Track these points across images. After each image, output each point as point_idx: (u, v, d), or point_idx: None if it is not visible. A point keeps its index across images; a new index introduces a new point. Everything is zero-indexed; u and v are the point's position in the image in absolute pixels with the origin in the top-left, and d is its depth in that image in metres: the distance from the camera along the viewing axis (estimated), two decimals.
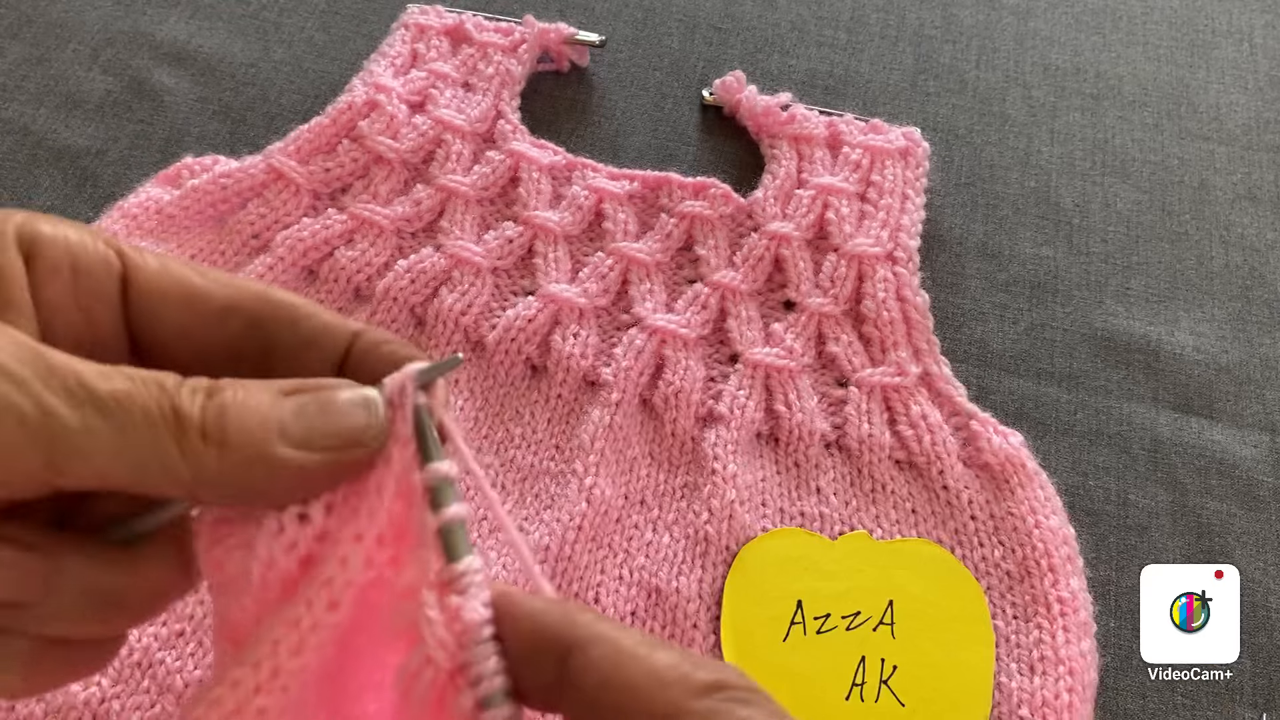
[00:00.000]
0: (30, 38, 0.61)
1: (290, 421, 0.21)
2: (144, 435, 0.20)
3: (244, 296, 0.24)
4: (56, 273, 0.22)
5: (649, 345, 0.49)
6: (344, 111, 0.55)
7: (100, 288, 0.23)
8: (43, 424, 0.19)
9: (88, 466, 0.20)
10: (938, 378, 0.49)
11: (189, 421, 0.20)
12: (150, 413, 0.20)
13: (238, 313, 0.24)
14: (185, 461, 0.20)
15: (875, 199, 0.54)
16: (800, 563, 0.44)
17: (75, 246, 0.23)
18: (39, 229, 0.23)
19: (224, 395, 0.21)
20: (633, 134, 0.59)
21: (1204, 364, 0.52)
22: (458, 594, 0.21)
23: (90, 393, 0.19)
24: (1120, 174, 0.59)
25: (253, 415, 0.21)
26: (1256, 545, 0.47)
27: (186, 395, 0.21)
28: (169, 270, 0.24)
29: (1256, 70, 0.64)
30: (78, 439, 0.19)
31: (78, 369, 0.20)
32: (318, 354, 0.24)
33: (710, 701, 0.19)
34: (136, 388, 0.20)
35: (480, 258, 0.52)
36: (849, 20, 0.65)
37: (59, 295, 0.22)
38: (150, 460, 0.20)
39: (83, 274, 0.23)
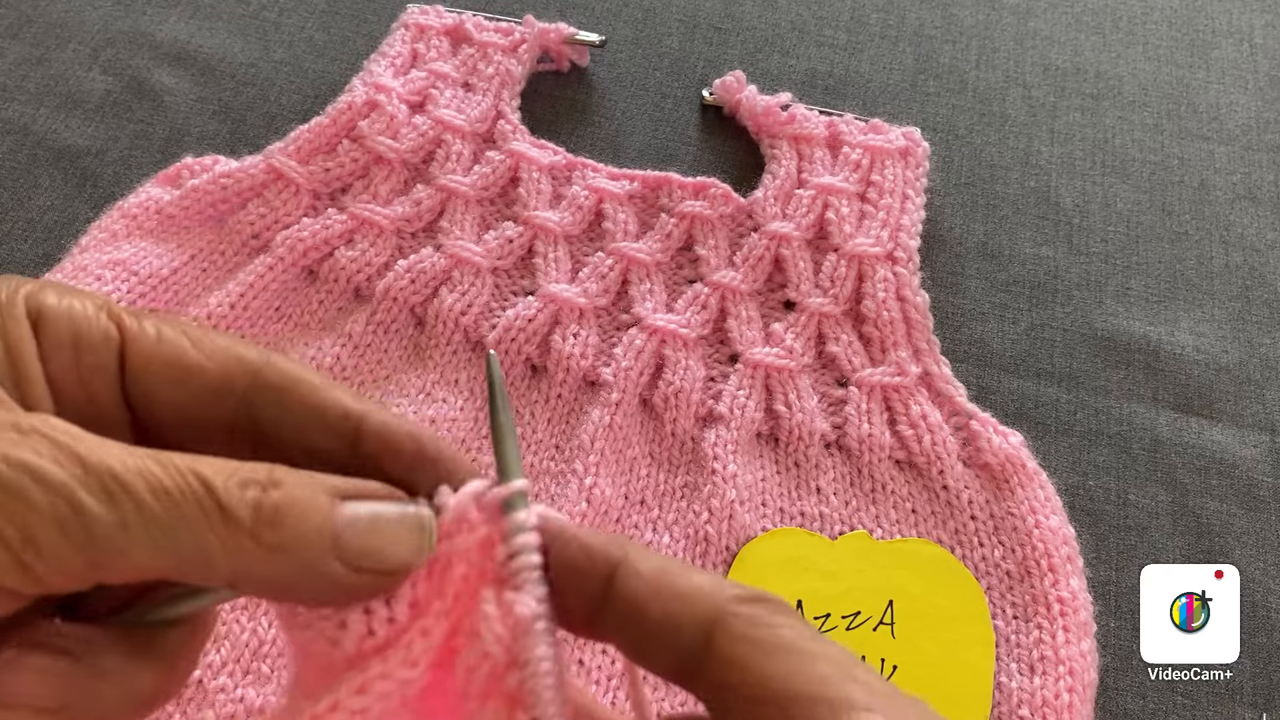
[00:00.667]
0: (30, 38, 0.61)
1: (345, 537, 0.21)
2: (185, 533, 0.19)
3: (237, 374, 0.23)
4: (60, 347, 0.22)
5: (649, 345, 0.49)
6: (344, 111, 0.55)
7: (100, 362, 0.22)
8: (80, 526, 0.18)
9: (128, 563, 0.19)
10: (938, 378, 0.49)
11: (238, 522, 0.20)
12: (191, 512, 0.19)
13: (230, 392, 0.23)
14: (229, 559, 0.20)
15: (875, 199, 0.54)
16: (800, 563, 0.44)
17: (78, 319, 0.22)
18: (45, 300, 0.22)
19: (281, 493, 0.20)
20: (633, 134, 0.59)
21: (1204, 364, 0.52)
22: (514, 589, 0.21)
23: (126, 489, 0.19)
24: (1120, 174, 0.59)
25: (309, 524, 0.20)
26: (1256, 545, 0.47)
27: (235, 493, 0.20)
28: (164, 344, 0.23)
29: (1256, 70, 0.64)
30: (117, 538, 0.19)
31: (110, 463, 0.19)
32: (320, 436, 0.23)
33: (752, 607, 0.20)
34: (175, 481, 0.19)
35: (480, 258, 0.52)
36: (849, 20, 0.65)
37: (62, 370, 0.22)
38: (192, 556, 0.20)
39: (84, 349, 0.22)
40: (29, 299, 0.22)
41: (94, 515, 0.19)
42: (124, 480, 0.19)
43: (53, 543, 0.18)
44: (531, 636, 0.21)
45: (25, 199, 0.55)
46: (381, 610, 0.22)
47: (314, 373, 0.24)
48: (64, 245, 0.52)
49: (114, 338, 0.23)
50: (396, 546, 0.22)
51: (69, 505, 0.18)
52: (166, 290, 0.50)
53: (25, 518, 0.18)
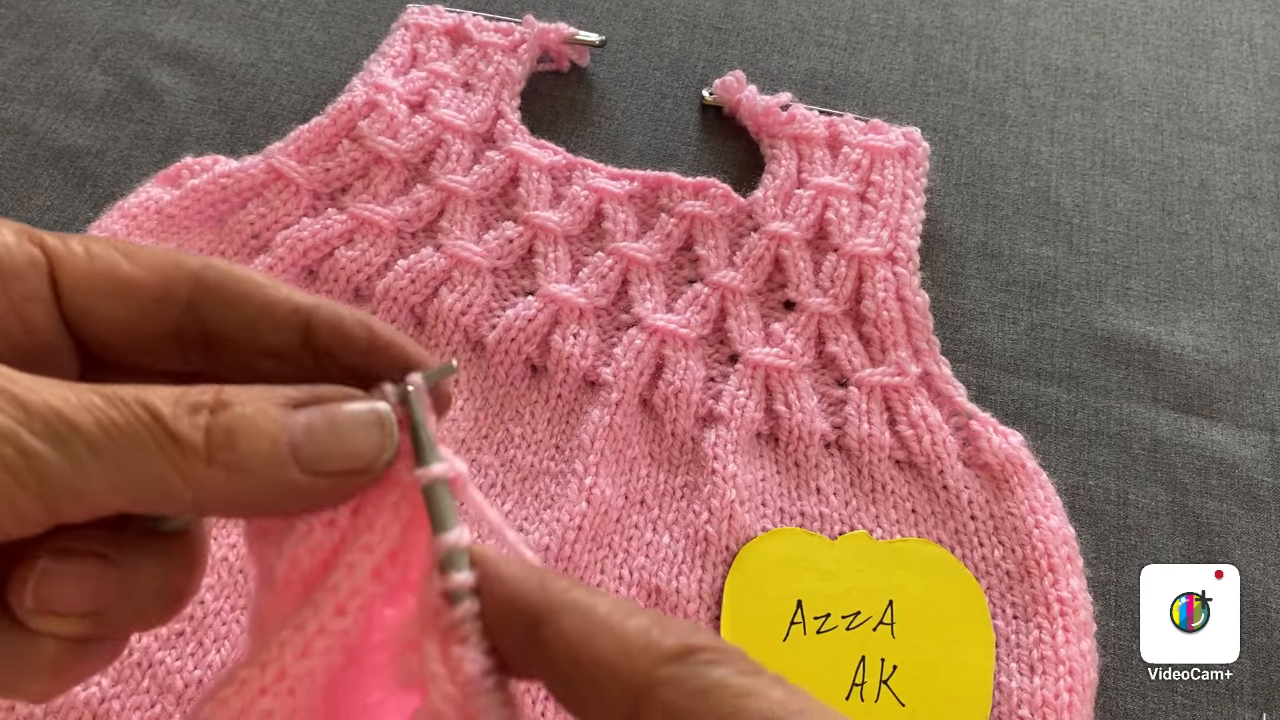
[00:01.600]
0: (30, 38, 0.61)
1: (302, 443, 0.20)
2: (139, 465, 0.19)
3: (177, 281, 0.22)
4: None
5: (649, 345, 0.49)
6: (344, 111, 0.55)
7: (31, 289, 0.22)
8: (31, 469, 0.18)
9: (85, 502, 0.19)
10: (938, 378, 0.49)
11: (191, 449, 0.19)
12: (144, 442, 0.19)
13: (173, 300, 0.22)
14: (188, 486, 0.19)
15: (875, 199, 0.54)
16: (800, 563, 0.44)
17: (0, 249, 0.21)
18: None
19: (230, 414, 0.20)
20: (633, 134, 0.59)
21: (1204, 364, 0.52)
22: (459, 643, 0.20)
23: (73, 428, 0.18)
24: (1120, 174, 0.59)
25: (263, 438, 0.20)
26: (1256, 545, 0.47)
27: (185, 419, 0.19)
28: (96, 260, 0.22)
29: (1256, 70, 0.64)
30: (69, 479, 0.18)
31: (54, 404, 0.18)
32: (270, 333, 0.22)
33: (679, 667, 0.18)
34: (123, 415, 0.19)
35: (480, 258, 0.52)
36: (849, 20, 0.65)
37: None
38: (150, 488, 0.19)
39: (10, 277, 0.21)
40: None
41: (43, 458, 0.18)
42: (70, 419, 0.18)
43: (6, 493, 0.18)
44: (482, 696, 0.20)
45: (25, 199, 0.55)
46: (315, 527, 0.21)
47: (257, 273, 0.23)
48: None
49: (41, 261, 0.22)
50: (356, 445, 0.21)
51: (16, 451, 0.18)
52: None
53: None
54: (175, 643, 0.41)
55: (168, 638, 0.41)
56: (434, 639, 0.20)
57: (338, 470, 0.21)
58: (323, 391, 0.21)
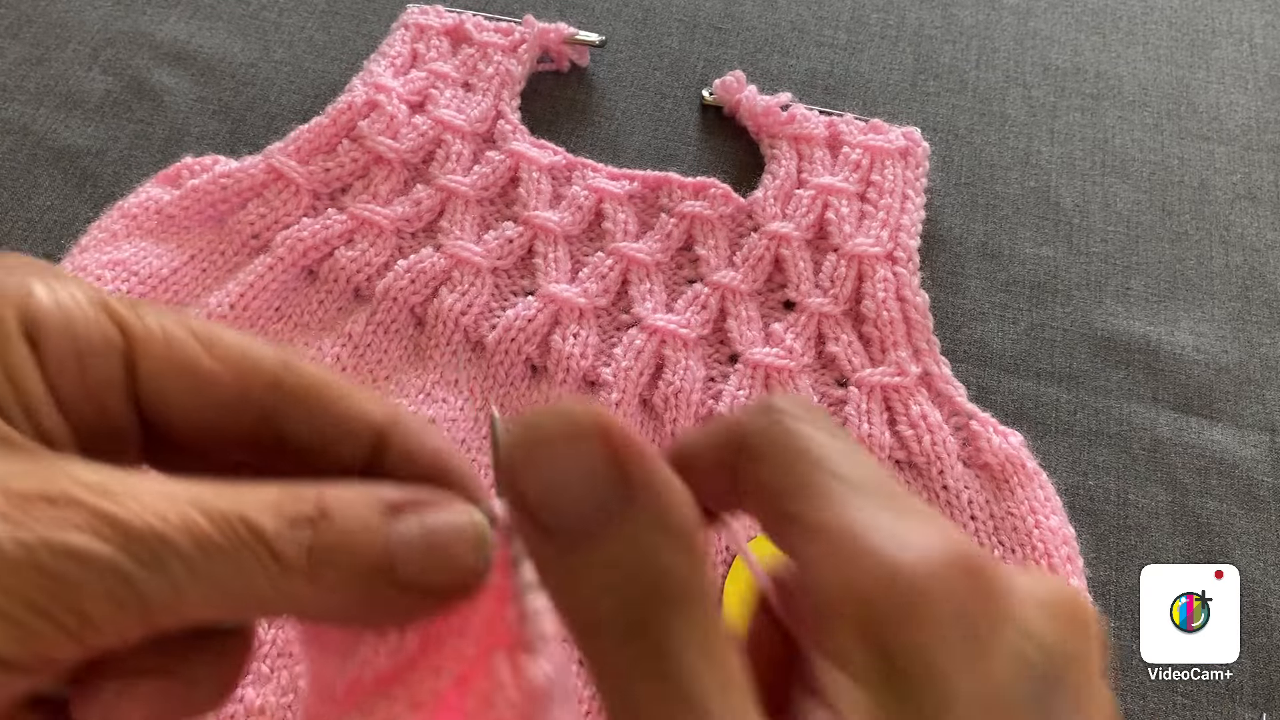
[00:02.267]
0: (30, 38, 0.61)
1: (399, 560, 0.19)
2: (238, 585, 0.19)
3: (255, 384, 0.22)
4: (64, 361, 0.20)
5: (649, 345, 0.49)
6: (344, 111, 0.55)
7: (108, 374, 0.21)
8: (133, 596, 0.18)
9: (183, 616, 0.19)
10: (938, 378, 0.49)
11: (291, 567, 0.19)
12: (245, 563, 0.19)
13: (250, 405, 0.22)
14: (285, 602, 0.19)
15: (875, 199, 0.54)
16: None
17: (78, 328, 0.20)
18: (39, 308, 0.20)
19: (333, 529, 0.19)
20: (633, 134, 0.59)
21: (1204, 364, 0.52)
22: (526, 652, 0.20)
23: (174, 550, 0.18)
24: (1120, 174, 0.59)
25: (366, 555, 0.19)
26: (1256, 545, 0.47)
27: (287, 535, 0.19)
28: (174, 348, 0.21)
29: (1256, 70, 0.64)
30: (170, 599, 0.18)
31: (153, 524, 0.18)
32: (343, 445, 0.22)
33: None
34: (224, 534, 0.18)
35: (480, 258, 0.52)
36: (849, 20, 0.65)
37: (69, 387, 0.20)
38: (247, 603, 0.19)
39: (89, 363, 0.21)
40: (22, 312, 0.20)
41: (145, 583, 0.18)
42: (170, 541, 0.18)
43: (106, 616, 0.18)
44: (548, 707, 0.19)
45: (25, 199, 0.55)
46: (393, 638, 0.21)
47: (333, 377, 0.23)
48: (64, 245, 0.52)
49: (118, 343, 0.21)
50: (453, 563, 0.20)
51: (119, 580, 0.18)
52: (166, 290, 0.50)
53: (78, 600, 0.17)
54: None
55: None
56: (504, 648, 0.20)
57: (428, 588, 0.20)
58: (419, 496, 0.21)
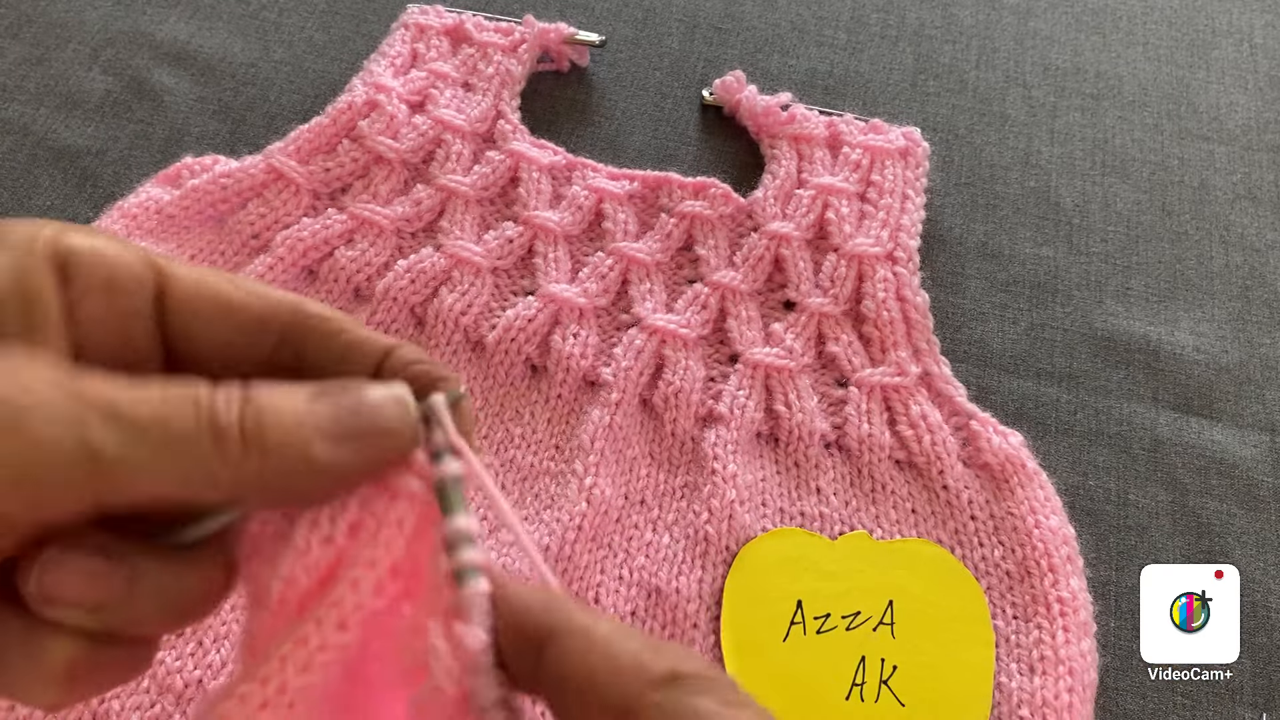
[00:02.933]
0: (30, 38, 0.61)
1: (326, 422, 0.21)
2: (185, 452, 0.20)
3: (278, 309, 0.24)
4: (92, 290, 0.22)
5: (649, 345, 0.49)
6: (344, 111, 0.55)
7: (136, 304, 0.23)
8: (85, 457, 0.19)
9: (133, 489, 0.20)
10: (938, 378, 0.49)
11: (227, 431, 0.20)
12: (188, 429, 0.20)
13: (272, 325, 0.24)
14: (227, 470, 0.20)
15: (875, 199, 0.54)
16: (800, 563, 0.44)
17: (111, 261, 0.23)
18: (73, 244, 0.22)
19: (259, 400, 0.21)
20: (633, 134, 0.59)
21: (1204, 364, 0.52)
22: (462, 621, 0.21)
23: (128, 419, 0.20)
24: (1120, 174, 0.59)
25: (289, 417, 0.21)
26: (1256, 545, 0.47)
27: (222, 404, 0.21)
28: (204, 283, 0.24)
29: (1256, 70, 0.64)
30: (120, 467, 0.19)
31: (111, 396, 0.20)
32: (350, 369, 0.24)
33: (665, 693, 0.19)
34: (173, 407, 0.20)
35: (480, 258, 0.52)
36: (849, 20, 0.65)
37: (95, 313, 0.22)
38: (193, 474, 0.20)
39: (118, 291, 0.23)
40: (53, 244, 0.22)
41: (98, 447, 0.19)
42: (124, 411, 0.20)
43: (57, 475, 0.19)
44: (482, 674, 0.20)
45: (25, 199, 0.55)
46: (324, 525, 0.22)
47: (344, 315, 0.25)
48: None
49: (149, 279, 0.23)
50: (379, 417, 0.22)
51: (76, 438, 0.19)
52: None
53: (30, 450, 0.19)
54: (175, 643, 0.41)
55: (167, 639, 0.41)
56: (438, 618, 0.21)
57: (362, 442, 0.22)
58: (342, 382, 0.22)
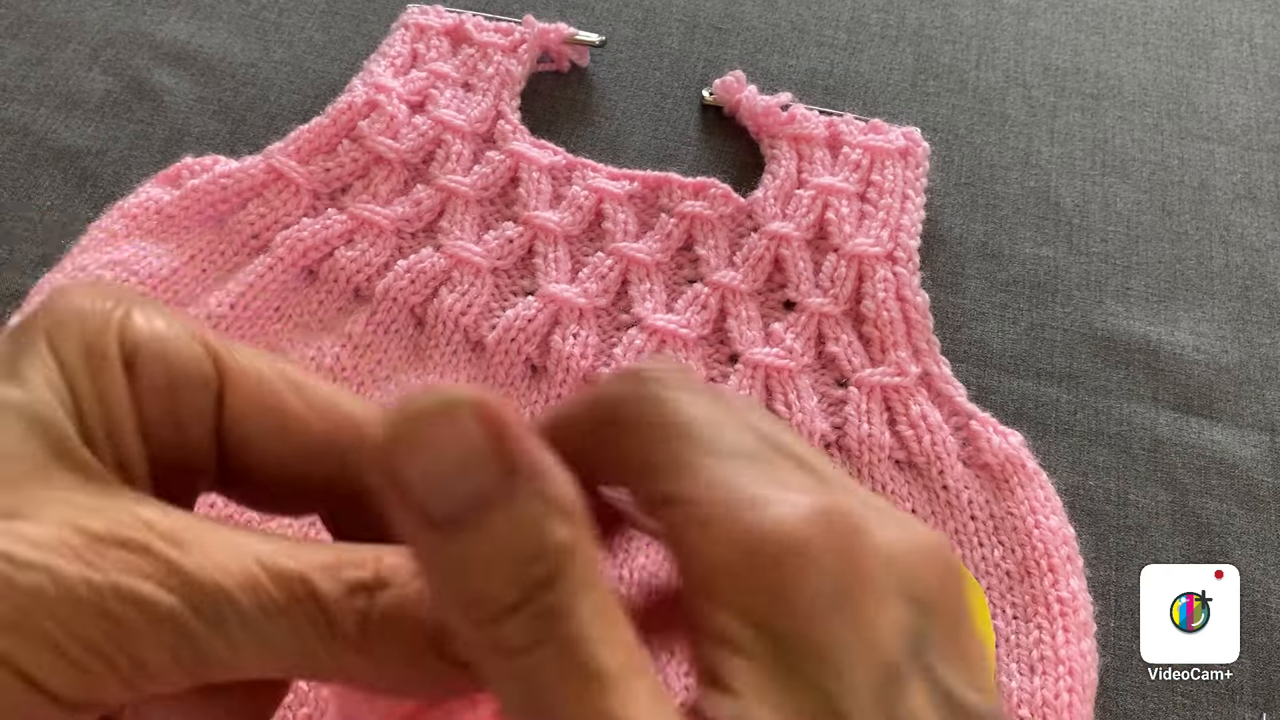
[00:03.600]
0: (30, 38, 0.61)
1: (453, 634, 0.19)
2: (293, 646, 0.18)
3: (343, 433, 0.22)
4: (156, 392, 0.20)
5: (649, 345, 0.49)
6: (344, 111, 0.55)
7: (196, 406, 0.21)
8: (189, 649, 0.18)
9: (234, 672, 0.19)
10: (938, 378, 0.49)
11: (343, 633, 0.19)
12: (300, 625, 0.18)
13: (332, 453, 0.22)
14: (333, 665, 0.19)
15: (875, 199, 0.54)
16: None
17: (173, 359, 0.21)
18: (139, 337, 0.21)
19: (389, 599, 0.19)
20: (633, 134, 0.59)
21: (1204, 364, 0.52)
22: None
23: (235, 608, 0.18)
24: (1120, 174, 0.59)
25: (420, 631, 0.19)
26: (1256, 545, 0.47)
27: (344, 603, 0.19)
28: (265, 391, 0.22)
29: (1256, 70, 0.64)
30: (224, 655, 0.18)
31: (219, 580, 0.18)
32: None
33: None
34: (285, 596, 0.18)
35: (480, 258, 0.52)
36: (849, 20, 0.65)
37: (156, 415, 0.21)
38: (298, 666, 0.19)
39: (182, 392, 0.21)
40: (122, 336, 0.20)
41: (203, 638, 0.18)
42: (232, 598, 0.18)
43: (162, 665, 0.18)
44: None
45: (25, 199, 0.55)
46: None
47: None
48: (64, 245, 0.52)
49: (213, 380, 0.21)
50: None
51: (178, 632, 0.18)
52: (166, 290, 0.50)
53: (137, 648, 0.17)
54: None
55: None
56: None
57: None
58: None
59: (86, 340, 0.20)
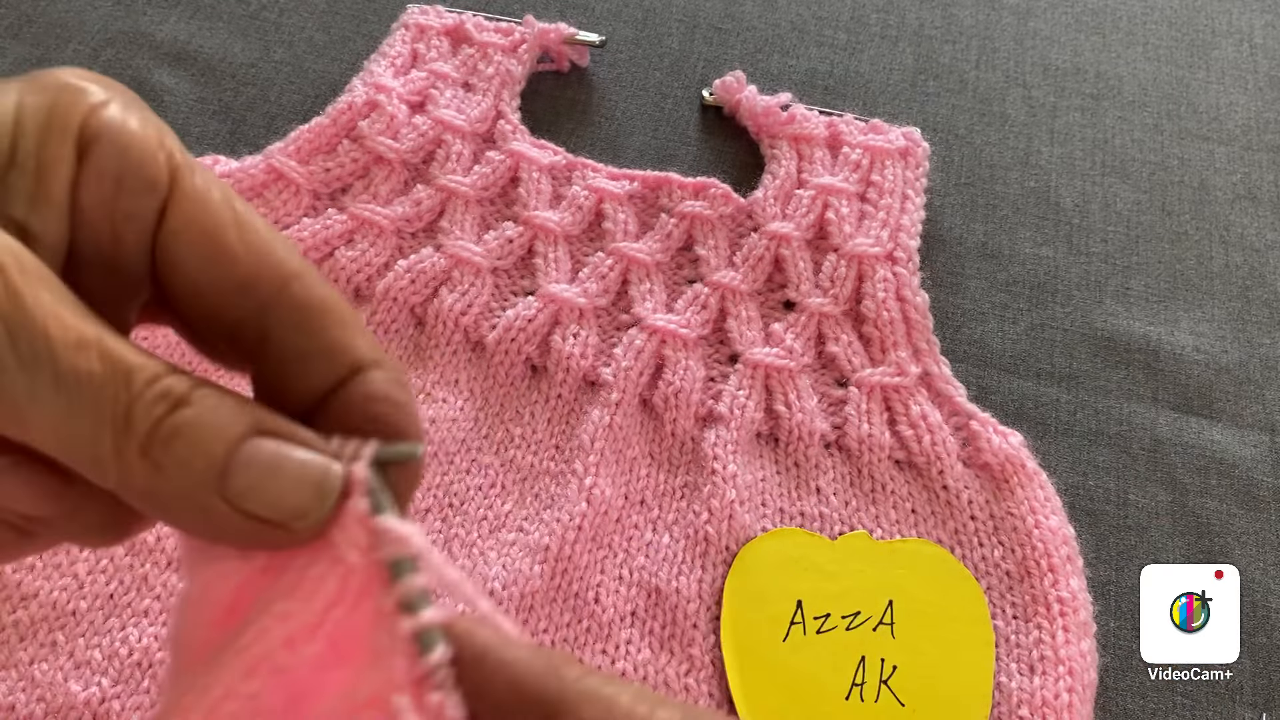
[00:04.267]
0: (30, 38, 0.61)
1: (235, 473, 0.19)
2: (86, 425, 0.18)
3: (267, 278, 0.21)
4: (101, 180, 0.20)
5: (649, 345, 0.49)
6: (344, 111, 0.55)
7: (137, 208, 0.21)
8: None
9: (23, 430, 0.18)
10: (938, 378, 0.49)
11: (134, 433, 0.18)
12: (101, 407, 0.18)
13: (253, 293, 0.21)
14: (115, 466, 0.19)
15: (875, 199, 0.54)
16: (800, 563, 0.44)
17: (129, 155, 0.20)
18: (105, 125, 0.20)
19: (183, 416, 0.19)
20: (633, 134, 0.59)
21: (1204, 364, 0.52)
22: (436, 690, 0.19)
23: (53, 362, 0.18)
24: (1120, 174, 0.59)
25: (201, 451, 0.19)
26: (1256, 545, 0.47)
27: (147, 402, 0.19)
28: (207, 215, 0.21)
29: (1256, 70, 0.64)
30: (19, 401, 0.18)
31: (52, 331, 0.18)
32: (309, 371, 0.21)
33: None
34: (104, 375, 0.18)
35: (480, 258, 0.52)
36: (849, 20, 0.65)
37: (95, 204, 0.20)
38: (83, 450, 0.19)
39: (126, 190, 0.20)
40: (87, 120, 0.20)
41: (7, 369, 0.18)
42: (56, 352, 0.18)
43: None
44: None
45: None
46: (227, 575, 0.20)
47: (342, 304, 0.22)
48: None
49: (162, 187, 0.21)
50: (283, 496, 0.19)
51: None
52: None
53: None
54: None
55: (168, 638, 0.41)
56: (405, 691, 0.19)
57: (257, 514, 0.19)
58: (294, 431, 0.20)
59: (51, 108, 0.20)
